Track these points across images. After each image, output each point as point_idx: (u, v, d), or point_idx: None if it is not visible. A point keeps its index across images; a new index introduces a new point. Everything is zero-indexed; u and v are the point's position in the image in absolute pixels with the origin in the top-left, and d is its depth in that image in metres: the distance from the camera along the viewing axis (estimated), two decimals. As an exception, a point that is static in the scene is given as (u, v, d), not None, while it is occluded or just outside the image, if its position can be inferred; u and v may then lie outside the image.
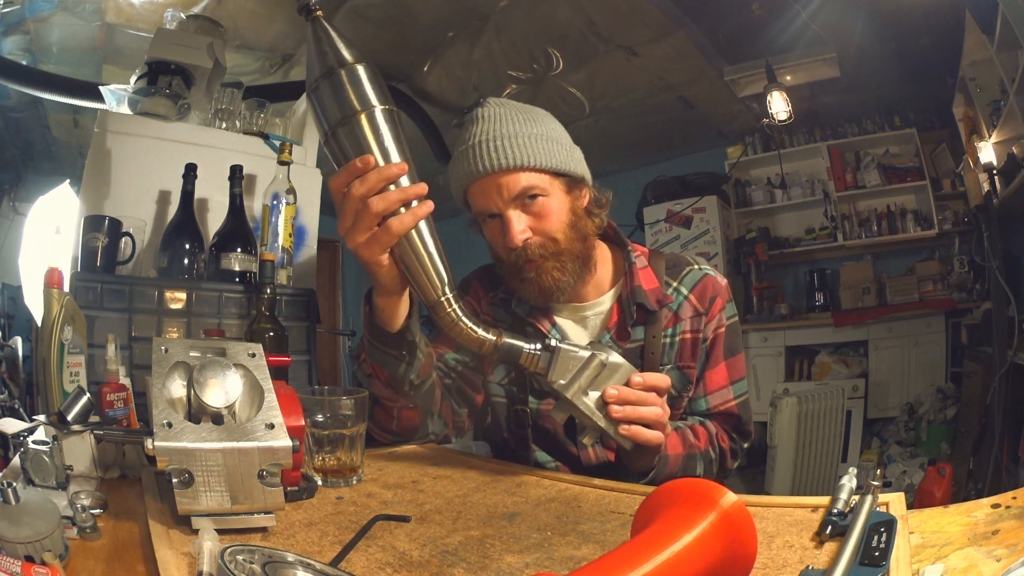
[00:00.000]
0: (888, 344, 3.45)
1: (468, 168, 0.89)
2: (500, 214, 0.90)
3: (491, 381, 1.03)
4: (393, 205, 0.72)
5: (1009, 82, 2.32)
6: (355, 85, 0.73)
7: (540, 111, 0.96)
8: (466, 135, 0.92)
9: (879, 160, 3.68)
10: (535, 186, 0.89)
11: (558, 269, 0.91)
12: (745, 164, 4.00)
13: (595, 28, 2.79)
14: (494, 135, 0.89)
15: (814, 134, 3.85)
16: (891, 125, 3.65)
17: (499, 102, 0.94)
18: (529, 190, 0.88)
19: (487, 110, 0.92)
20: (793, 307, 3.88)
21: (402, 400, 0.90)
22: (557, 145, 0.91)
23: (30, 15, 2.40)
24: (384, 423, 0.94)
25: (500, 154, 0.87)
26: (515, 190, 0.88)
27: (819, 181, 3.84)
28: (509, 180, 0.88)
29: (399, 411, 0.92)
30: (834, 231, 3.79)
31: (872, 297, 3.62)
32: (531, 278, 0.91)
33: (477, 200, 0.92)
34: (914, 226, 3.60)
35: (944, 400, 3.15)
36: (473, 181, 0.90)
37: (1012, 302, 2.58)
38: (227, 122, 1.53)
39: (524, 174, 0.88)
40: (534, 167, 0.88)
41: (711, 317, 0.99)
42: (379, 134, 0.74)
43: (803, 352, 3.69)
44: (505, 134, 0.89)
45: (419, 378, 0.88)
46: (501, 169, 0.87)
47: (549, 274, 0.90)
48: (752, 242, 3.93)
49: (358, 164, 0.72)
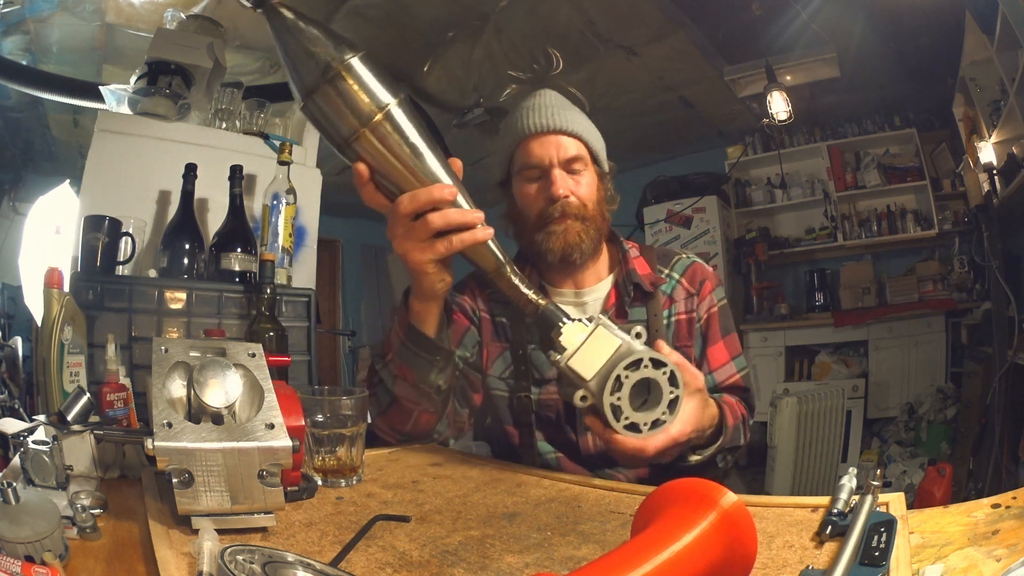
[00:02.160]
0: (888, 344, 3.46)
1: (533, 121, 0.98)
2: (547, 171, 0.98)
3: (491, 375, 1.04)
4: (451, 225, 0.75)
5: (1009, 82, 2.32)
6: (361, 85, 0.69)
7: None
8: (528, 101, 1.01)
9: (879, 160, 3.68)
10: (582, 157, 0.99)
11: (583, 232, 0.98)
12: (745, 164, 4.00)
13: (595, 28, 2.79)
14: (557, 105, 1.00)
15: (814, 134, 3.85)
16: (891, 125, 3.65)
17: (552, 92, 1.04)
18: (577, 159, 0.99)
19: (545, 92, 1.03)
20: (793, 307, 3.88)
21: (425, 403, 0.91)
22: (599, 137, 1.03)
23: (30, 15, 2.40)
24: (398, 424, 0.95)
25: (563, 120, 0.98)
26: (569, 152, 0.98)
27: (819, 181, 3.84)
28: (567, 142, 0.98)
29: (419, 414, 0.93)
30: (834, 231, 3.79)
31: (872, 297, 3.62)
32: (558, 231, 0.98)
33: (531, 152, 0.99)
34: (914, 226, 3.60)
35: (944, 400, 3.15)
36: (533, 135, 0.98)
37: (1012, 302, 2.58)
38: (227, 122, 1.53)
39: (578, 143, 0.99)
40: (586, 143, 1.00)
41: (702, 298, 1.04)
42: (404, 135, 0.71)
43: (803, 352, 3.69)
44: (567, 108, 1.00)
45: (446, 383, 0.91)
46: (563, 130, 0.98)
47: (576, 233, 0.98)
48: (752, 242, 3.93)
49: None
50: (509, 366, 1.02)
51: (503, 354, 1.03)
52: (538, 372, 1.00)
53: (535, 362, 1.01)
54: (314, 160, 1.64)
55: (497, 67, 2.99)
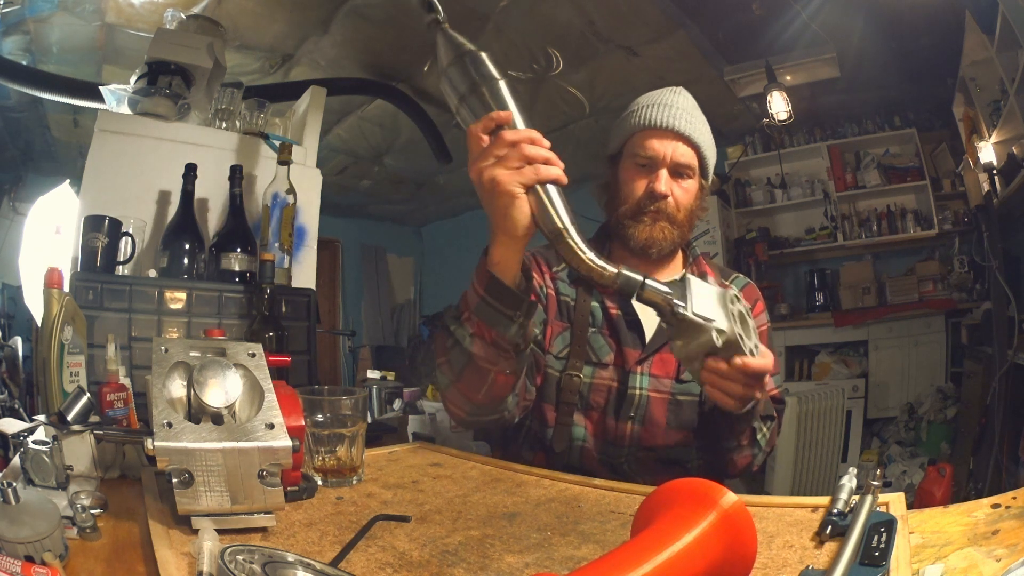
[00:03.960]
0: (888, 344, 3.45)
1: (662, 117, 1.02)
2: (656, 167, 1.02)
3: (549, 353, 1.04)
4: (541, 156, 0.77)
5: (1009, 82, 2.32)
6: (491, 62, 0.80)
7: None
8: (664, 96, 1.04)
9: (879, 160, 3.67)
10: (692, 166, 1.03)
11: (669, 231, 1.03)
12: (745, 164, 4.00)
13: (595, 28, 2.79)
14: (685, 108, 1.03)
15: (814, 134, 3.85)
16: (891, 125, 3.65)
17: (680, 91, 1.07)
18: (688, 167, 1.03)
19: (676, 92, 1.06)
20: (793, 307, 3.88)
21: (502, 363, 0.87)
22: (715, 151, 1.07)
23: (30, 15, 2.40)
24: (472, 390, 0.89)
25: (688, 124, 1.02)
26: (683, 158, 1.02)
27: (819, 181, 3.84)
28: (684, 147, 1.02)
29: (495, 375, 0.87)
30: (834, 231, 3.79)
31: (872, 297, 3.62)
32: (647, 223, 1.02)
33: (649, 145, 1.02)
34: (914, 226, 3.60)
35: (944, 400, 3.15)
36: (656, 128, 1.02)
37: (1012, 302, 2.58)
38: (227, 122, 1.53)
39: (693, 152, 1.03)
40: (701, 154, 1.04)
41: (756, 314, 1.06)
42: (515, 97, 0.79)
43: (803, 352, 3.69)
44: (694, 116, 1.04)
45: (524, 342, 0.87)
46: (685, 136, 1.01)
47: (662, 229, 1.02)
48: (752, 242, 3.93)
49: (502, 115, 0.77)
50: (567, 346, 1.04)
51: (563, 333, 1.04)
52: (596, 355, 1.03)
53: (593, 345, 1.03)
54: (314, 160, 1.64)
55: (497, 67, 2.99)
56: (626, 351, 1.02)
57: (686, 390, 1.02)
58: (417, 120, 3.27)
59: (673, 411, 1.01)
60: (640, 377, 1.01)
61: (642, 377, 1.01)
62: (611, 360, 1.02)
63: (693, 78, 3.25)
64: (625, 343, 1.02)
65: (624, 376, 1.01)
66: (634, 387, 1.01)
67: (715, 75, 3.21)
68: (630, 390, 1.00)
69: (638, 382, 1.01)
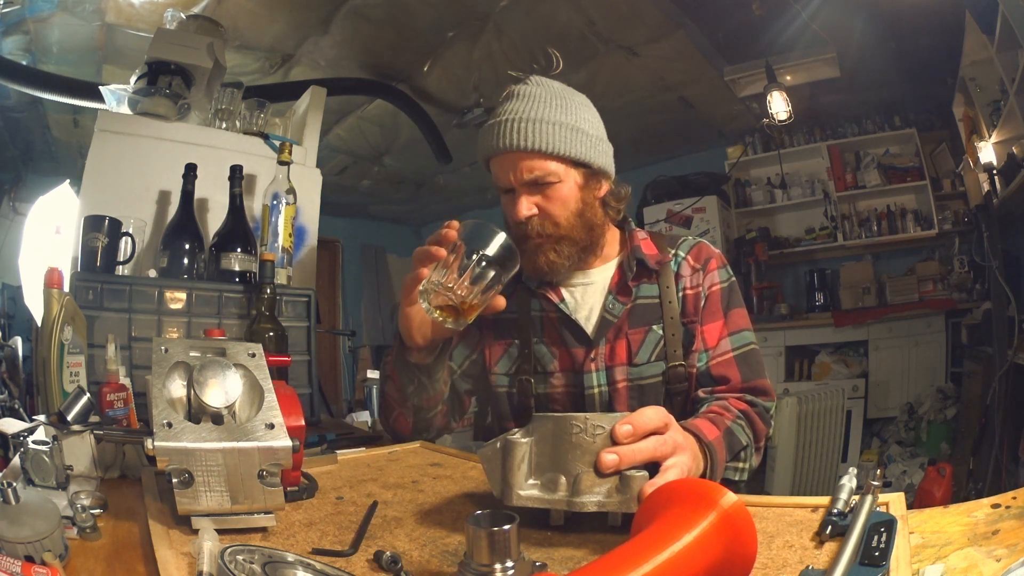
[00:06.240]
0: (888, 344, 3.46)
1: (492, 143, 0.94)
2: (514, 190, 0.95)
3: (495, 372, 1.04)
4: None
5: (1009, 82, 2.32)
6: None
7: (579, 97, 1.00)
8: (499, 109, 0.96)
9: (879, 160, 3.68)
10: (550, 172, 0.93)
11: (554, 252, 0.95)
12: (745, 164, 4.00)
13: (595, 28, 2.79)
14: (523, 117, 0.92)
15: (814, 134, 3.86)
16: (891, 125, 3.65)
17: (540, 81, 0.98)
18: (543, 176, 0.93)
19: (526, 88, 0.97)
20: (793, 307, 3.88)
21: (401, 409, 0.99)
22: (582, 136, 0.94)
23: (30, 15, 2.40)
24: (382, 417, 1.05)
25: (522, 136, 0.91)
26: (529, 173, 0.93)
27: (819, 181, 3.84)
28: (526, 162, 0.92)
29: (397, 416, 1.01)
30: (834, 231, 3.79)
31: (872, 297, 3.62)
32: (529, 252, 0.94)
33: (495, 173, 0.98)
34: (914, 226, 3.60)
35: (944, 400, 3.15)
36: (494, 155, 0.95)
37: (1012, 302, 2.58)
38: (227, 122, 1.53)
39: (540, 160, 0.92)
40: (552, 154, 0.92)
41: (707, 273, 1.01)
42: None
43: (803, 352, 3.69)
44: (533, 118, 0.92)
45: (424, 405, 0.98)
46: (520, 150, 0.92)
47: (544, 255, 0.95)
48: (752, 242, 3.94)
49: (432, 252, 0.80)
50: (515, 361, 1.03)
51: (508, 350, 1.03)
52: (540, 365, 1.01)
53: (537, 355, 1.01)
54: (314, 160, 1.64)
55: (497, 67, 2.99)
56: (573, 352, 0.99)
57: (641, 373, 0.97)
58: (417, 120, 3.27)
59: (636, 398, 0.96)
60: (596, 374, 0.98)
61: (598, 374, 0.98)
62: (556, 367, 0.99)
63: (693, 78, 3.26)
64: (570, 344, 0.99)
65: (578, 380, 0.98)
66: (591, 387, 0.97)
67: (715, 75, 3.22)
68: (587, 391, 0.97)
69: (595, 380, 0.97)
